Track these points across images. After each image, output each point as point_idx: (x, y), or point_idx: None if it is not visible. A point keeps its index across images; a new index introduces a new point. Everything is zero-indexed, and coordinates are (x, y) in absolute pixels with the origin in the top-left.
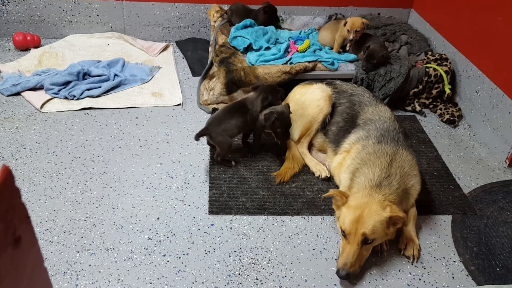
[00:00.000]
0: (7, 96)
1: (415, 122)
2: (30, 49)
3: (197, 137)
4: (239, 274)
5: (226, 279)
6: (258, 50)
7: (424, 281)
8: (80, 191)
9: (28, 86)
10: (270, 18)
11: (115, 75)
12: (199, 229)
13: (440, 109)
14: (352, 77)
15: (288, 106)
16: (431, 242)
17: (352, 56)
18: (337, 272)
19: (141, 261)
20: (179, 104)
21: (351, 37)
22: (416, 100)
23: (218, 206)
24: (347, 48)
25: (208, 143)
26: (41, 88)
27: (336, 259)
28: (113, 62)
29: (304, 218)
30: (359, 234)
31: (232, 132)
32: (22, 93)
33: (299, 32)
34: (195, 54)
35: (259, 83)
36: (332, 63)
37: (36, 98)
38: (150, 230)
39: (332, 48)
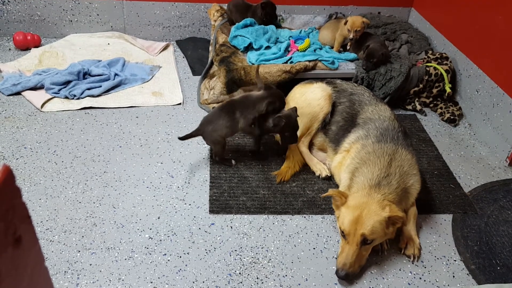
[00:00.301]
0: (8, 95)
1: (416, 121)
2: (30, 49)
3: (185, 138)
4: (239, 273)
5: (226, 278)
6: (259, 49)
7: (424, 280)
8: (80, 191)
9: (28, 85)
10: (268, 14)
11: (116, 74)
12: (199, 228)
13: (441, 108)
14: (353, 76)
15: (295, 109)
16: (431, 241)
17: (352, 55)
18: (336, 272)
19: (141, 260)
20: (180, 104)
21: (351, 36)
22: (417, 99)
23: (218, 205)
24: (348, 47)
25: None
26: (41, 87)
27: (336, 258)
28: (113, 62)
29: (305, 217)
30: (358, 235)
31: (222, 132)
32: (23, 93)
33: (300, 31)
34: (196, 54)
35: (260, 85)
36: (333, 62)
37: (37, 97)
38: (150, 229)
39: (332, 47)
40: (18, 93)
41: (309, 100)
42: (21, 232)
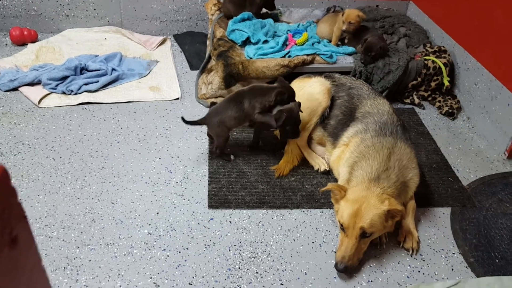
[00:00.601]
0: (5, 91)
1: (414, 114)
2: (27, 44)
3: (188, 122)
4: (239, 268)
5: (226, 273)
6: (256, 43)
7: (423, 273)
8: (79, 186)
9: (25, 81)
10: (267, 2)
11: (113, 69)
12: (198, 224)
13: (439, 101)
14: (351, 70)
15: (299, 104)
16: (430, 235)
17: (350, 49)
18: (335, 266)
19: (141, 256)
20: (177, 98)
21: (344, 28)
22: (415, 92)
23: (217, 200)
24: (345, 41)
25: (208, 135)
26: (38, 83)
27: (335, 252)
28: (110, 57)
29: (304, 211)
30: (357, 228)
31: (229, 123)
32: (20, 88)
33: (297, 25)
34: (193, 48)
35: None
36: (331, 56)
37: (34, 93)
38: (149, 225)
39: (330, 41)
40: (15, 89)
41: (307, 94)
42: (18, 232)
